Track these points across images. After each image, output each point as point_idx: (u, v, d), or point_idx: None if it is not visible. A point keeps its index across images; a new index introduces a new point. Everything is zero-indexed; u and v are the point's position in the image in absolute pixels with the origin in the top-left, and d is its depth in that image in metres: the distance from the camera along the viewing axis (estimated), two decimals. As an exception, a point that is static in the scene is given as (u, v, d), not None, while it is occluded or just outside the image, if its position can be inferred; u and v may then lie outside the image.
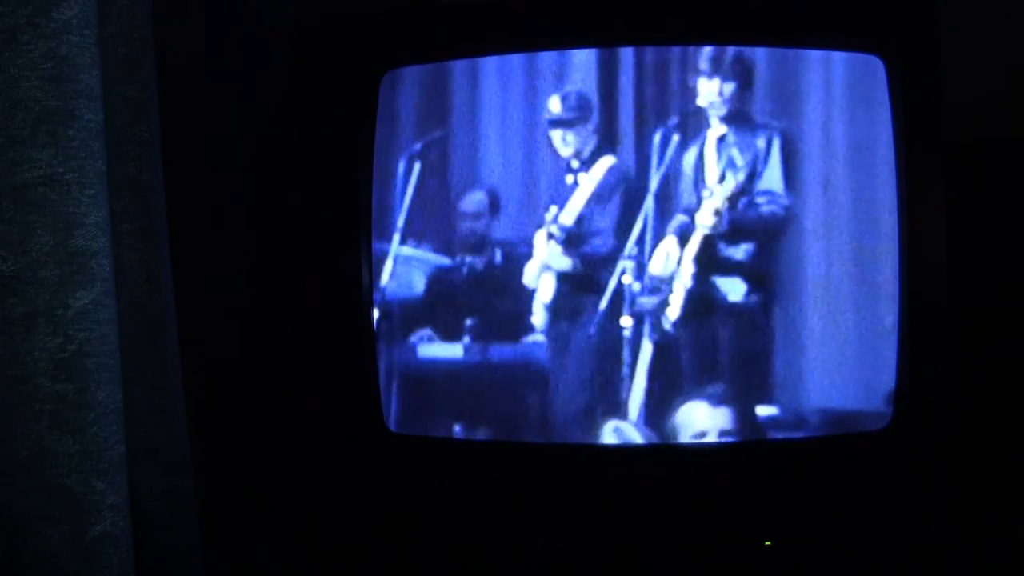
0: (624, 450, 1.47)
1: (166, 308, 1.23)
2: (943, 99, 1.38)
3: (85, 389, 1.04)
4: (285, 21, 1.64)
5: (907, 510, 1.41)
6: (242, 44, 1.61)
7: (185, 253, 1.34)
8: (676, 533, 1.44)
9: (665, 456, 1.47)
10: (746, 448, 1.46)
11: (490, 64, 1.50)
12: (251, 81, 1.63)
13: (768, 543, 1.42)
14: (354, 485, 1.51)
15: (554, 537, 1.46)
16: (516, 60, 1.46)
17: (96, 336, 1.05)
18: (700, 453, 1.46)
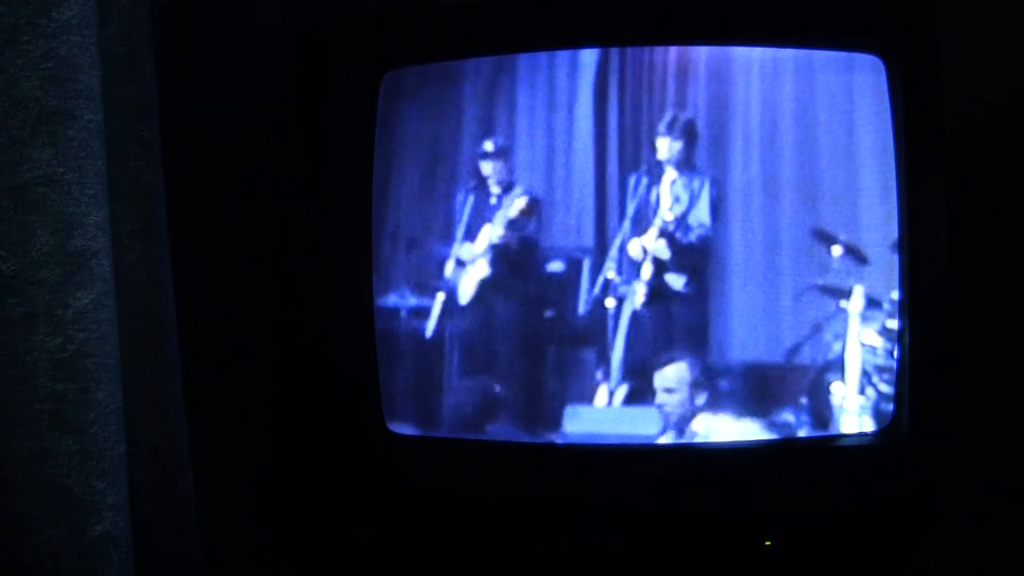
0: (625, 450, 1.47)
1: (166, 308, 1.23)
2: (943, 99, 1.38)
3: (85, 389, 1.04)
4: (285, 21, 1.64)
5: (906, 509, 1.41)
6: (242, 44, 1.61)
7: (185, 253, 1.34)
8: (677, 533, 1.44)
9: (666, 456, 1.47)
10: (746, 448, 1.46)
11: (489, 64, 1.51)
12: (251, 81, 1.63)
13: (768, 543, 1.42)
14: (354, 485, 1.51)
15: (554, 537, 1.46)
16: (510, 61, 1.51)
17: (96, 336, 1.05)
18: (701, 453, 1.46)
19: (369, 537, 1.54)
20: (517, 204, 1.51)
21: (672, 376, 1.47)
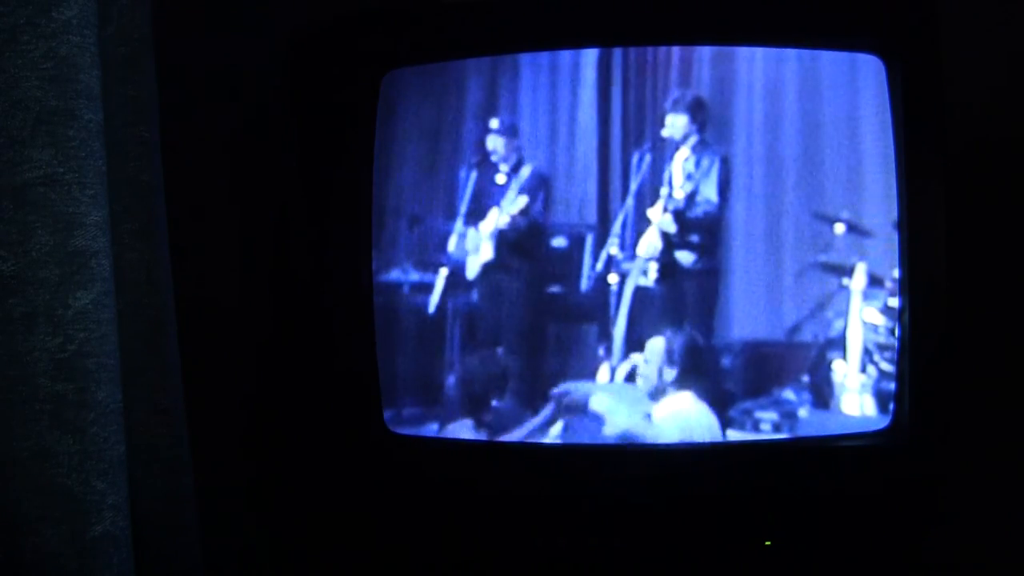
0: (625, 450, 1.47)
1: (166, 308, 1.23)
2: (943, 99, 1.38)
3: (85, 389, 1.04)
4: (285, 21, 1.64)
5: (907, 510, 1.41)
6: (242, 44, 1.61)
7: (185, 253, 1.34)
8: (677, 533, 1.44)
9: (667, 456, 1.47)
10: (747, 448, 1.46)
11: (489, 63, 1.51)
12: (251, 81, 1.63)
13: (768, 543, 1.43)
14: (354, 485, 1.51)
15: (554, 537, 1.46)
16: (511, 61, 1.51)
17: (96, 336, 1.05)
18: (702, 452, 1.46)
19: (369, 535, 1.54)
20: (519, 202, 1.52)
21: (670, 351, 1.49)
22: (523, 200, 1.53)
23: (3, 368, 1.02)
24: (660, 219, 1.49)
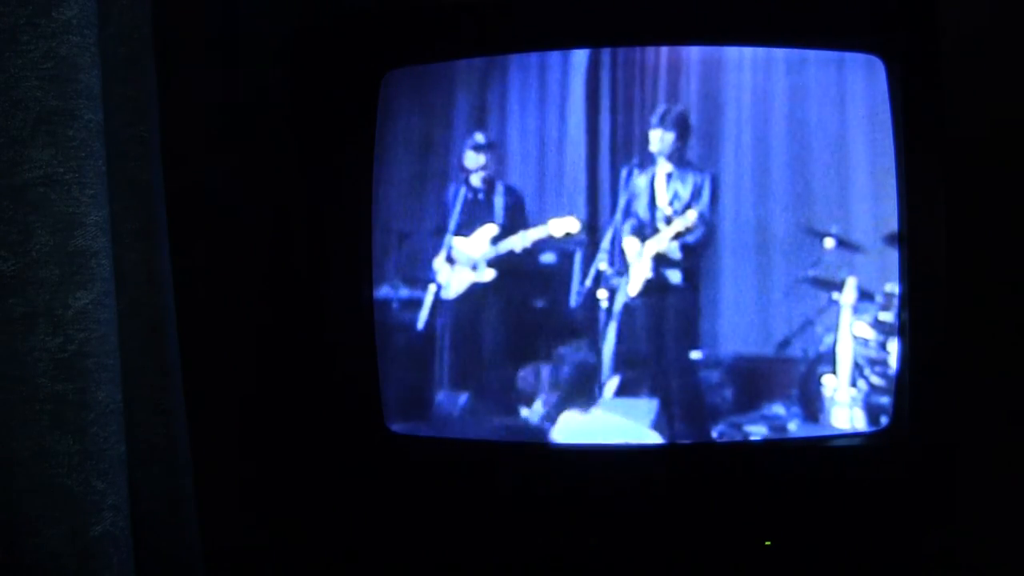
0: (625, 450, 1.47)
1: (166, 308, 1.23)
2: (943, 99, 1.38)
3: (85, 389, 1.04)
4: (285, 21, 1.64)
5: (910, 510, 1.41)
6: (242, 44, 1.61)
7: (185, 253, 1.34)
8: (677, 532, 1.44)
9: (666, 456, 1.47)
10: (748, 447, 1.46)
11: (485, 59, 1.52)
12: (251, 81, 1.63)
13: (768, 543, 1.42)
14: (354, 485, 1.51)
15: (554, 536, 1.46)
16: (506, 57, 1.51)
17: (96, 336, 1.05)
18: (702, 451, 1.46)
19: (369, 537, 1.54)
20: (566, 224, 1.52)
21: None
22: (511, 216, 1.53)
23: (3, 368, 1.02)
24: (648, 235, 1.49)
